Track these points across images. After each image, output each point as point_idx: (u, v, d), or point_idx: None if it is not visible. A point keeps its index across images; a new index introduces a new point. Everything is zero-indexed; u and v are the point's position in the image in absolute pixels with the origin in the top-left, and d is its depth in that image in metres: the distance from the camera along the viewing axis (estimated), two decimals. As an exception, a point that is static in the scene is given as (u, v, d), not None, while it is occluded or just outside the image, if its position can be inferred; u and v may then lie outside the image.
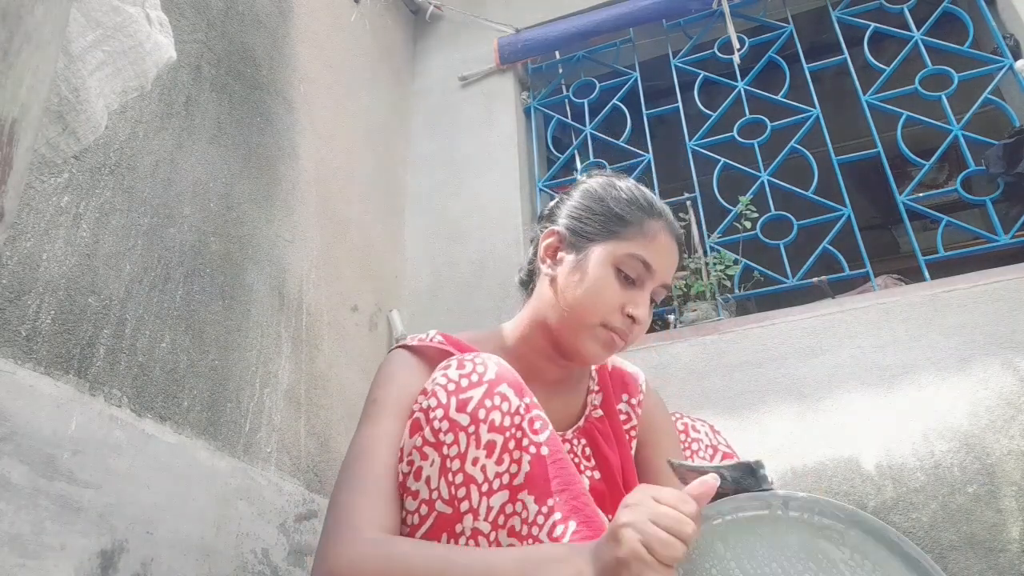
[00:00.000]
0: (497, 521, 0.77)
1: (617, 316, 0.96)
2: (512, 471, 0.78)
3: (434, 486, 0.78)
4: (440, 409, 0.80)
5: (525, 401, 0.81)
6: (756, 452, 1.72)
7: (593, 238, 0.99)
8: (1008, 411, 1.59)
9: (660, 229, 0.99)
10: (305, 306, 1.77)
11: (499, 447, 0.78)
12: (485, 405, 0.79)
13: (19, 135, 0.59)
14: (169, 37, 1.17)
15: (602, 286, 0.95)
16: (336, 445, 1.76)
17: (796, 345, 1.85)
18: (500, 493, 0.78)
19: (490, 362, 0.84)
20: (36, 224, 1.08)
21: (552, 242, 1.04)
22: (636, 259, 0.96)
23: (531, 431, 0.79)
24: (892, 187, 2.11)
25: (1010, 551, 1.46)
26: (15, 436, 0.95)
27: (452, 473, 0.78)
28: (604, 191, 1.03)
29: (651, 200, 1.02)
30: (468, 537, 0.77)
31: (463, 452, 0.78)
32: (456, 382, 0.82)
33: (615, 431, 1.06)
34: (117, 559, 1.06)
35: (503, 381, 0.81)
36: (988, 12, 2.23)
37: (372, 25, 2.55)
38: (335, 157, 2.09)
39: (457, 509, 0.77)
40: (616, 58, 2.71)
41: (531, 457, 0.78)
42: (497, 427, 0.78)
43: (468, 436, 0.78)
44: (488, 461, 0.77)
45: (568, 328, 0.98)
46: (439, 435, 0.79)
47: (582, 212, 1.02)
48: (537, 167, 2.63)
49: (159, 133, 1.38)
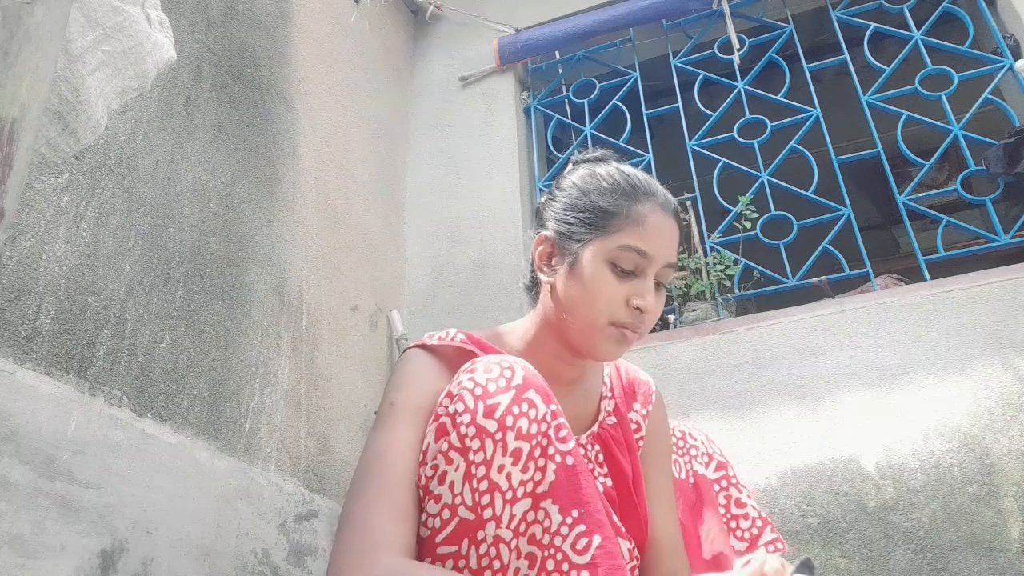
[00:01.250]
0: (519, 529, 0.76)
1: (623, 311, 0.93)
2: (536, 479, 0.77)
3: (458, 491, 0.77)
4: (467, 414, 0.78)
5: (551, 408, 0.80)
6: (756, 452, 1.73)
7: (581, 238, 0.96)
8: (1008, 411, 1.59)
9: (649, 211, 0.95)
10: (305, 306, 1.77)
11: (525, 455, 0.76)
12: (513, 412, 0.77)
13: (19, 135, 0.59)
14: (169, 37, 1.17)
15: (600, 286, 0.93)
16: (336, 445, 1.76)
17: (796, 345, 1.85)
18: (523, 501, 0.77)
19: (517, 366, 0.82)
20: (36, 224, 1.08)
21: (544, 249, 1.01)
22: (629, 249, 0.93)
23: (557, 439, 0.78)
24: (892, 187, 2.11)
25: (1010, 551, 1.46)
26: (15, 436, 0.95)
27: (477, 480, 0.76)
28: (586, 184, 1.00)
29: (634, 182, 0.97)
30: (490, 544, 0.76)
31: (489, 459, 0.76)
32: (483, 386, 0.80)
33: (627, 439, 1.05)
34: (117, 559, 1.06)
35: (531, 387, 0.80)
36: (988, 12, 2.23)
37: (372, 25, 2.55)
38: (335, 157, 2.09)
39: (480, 516, 0.76)
40: (616, 58, 2.71)
41: (556, 466, 0.77)
42: (524, 434, 0.77)
43: (495, 443, 0.76)
44: (514, 469, 0.76)
45: (577, 332, 0.96)
46: (465, 440, 0.77)
47: (567, 212, 0.99)
48: (537, 167, 2.63)
49: (159, 133, 1.38)
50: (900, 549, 1.53)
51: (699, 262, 2.21)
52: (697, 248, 2.24)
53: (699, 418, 1.82)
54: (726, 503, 1.14)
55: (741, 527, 1.11)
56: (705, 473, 1.15)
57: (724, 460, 1.18)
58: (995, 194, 2.05)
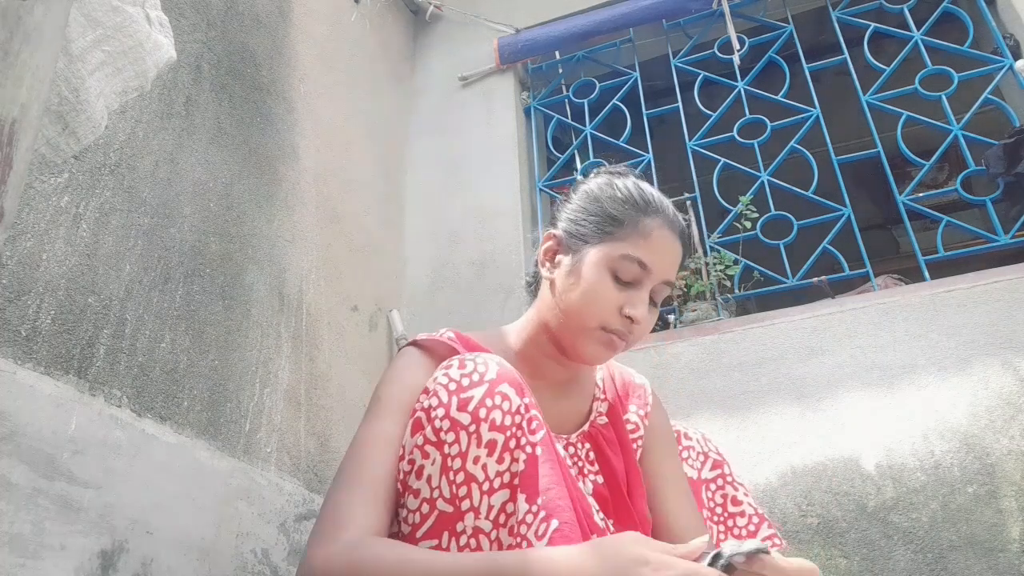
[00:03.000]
0: (498, 520, 0.78)
1: (615, 318, 0.95)
2: (513, 470, 0.78)
3: (435, 485, 0.79)
4: (441, 408, 0.80)
5: (525, 400, 0.82)
6: (756, 452, 1.73)
7: (588, 240, 0.98)
8: (1008, 411, 1.59)
9: (656, 226, 0.97)
10: (305, 306, 1.77)
11: (500, 446, 0.78)
12: (486, 404, 0.79)
13: (19, 135, 0.59)
14: (169, 37, 1.17)
15: (597, 289, 0.94)
16: (336, 445, 1.76)
17: (796, 345, 1.85)
18: (501, 492, 0.78)
19: (491, 362, 0.84)
20: (36, 224, 1.08)
21: (551, 245, 1.04)
22: (631, 260, 0.95)
23: (528, 430, 0.80)
24: (892, 187, 2.11)
25: (1010, 551, 1.46)
26: (15, 436, 0.95)
27: (453, 472, 0.78)
28: (601, 191, 1.02)
29: (648, 197, 1.00)
30: (469, 536, 0.77)
31: (464, 451, 0.78)
32: (457, 381, 0.82)
33: (620, 439, 1.06)
34: (117, 559, 1.06)
35: (503, 380, 0.82)
36: (988, 12, 2.23)
37: (372, 25, 2.55)
38: (335, 157, 2.09)
39: (458, 508, 0.77)
40: (616, 58, 2.71)
41: (526, 456, 0.79)
42: (498, 426, 0.78)
43: (469, 435, 0.78)
44: (489, 460, 0.78)
45: (567, 331, 0.98)
46: (440, 434, 0.79)
47: (579, 214, 1.01)
48: (537, 167, 2.63)
49: (159, 133, 1.38)
50: (900, 549, 1.53)
51: (699, 262, 2.21)
52: (697, 248, 2.24)
53: (699, 418, 1.82)
54: (722, 501, 1.14)
55: (738, 524, 1.12)
56: (697, 475, 1.16)
57: (720, 458, 1.18)
58: (995, 194, 2.05)
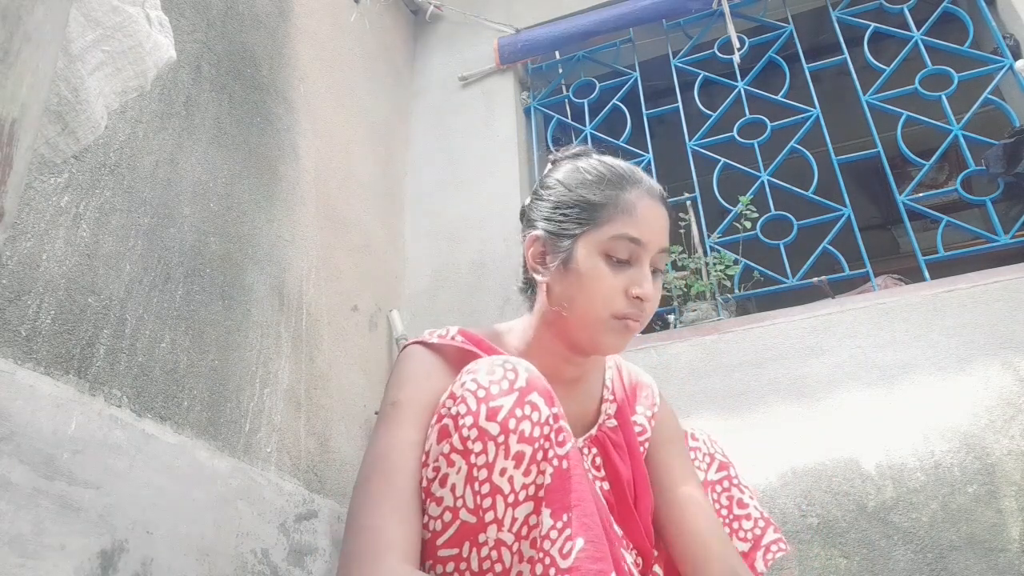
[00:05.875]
0: (521, 532, 0.76)
1: (623, 301, 0.92)
2: (539, 482, 0.76)
3: (459, 494, 0.77)
4: (470, 416, 0.77)
5: (554, 411, 0.79)
6: (756, 452, 1.73)
7: (573, 233, 0.95)
8: (1008, 411, 1.59)
9: (637, 197, 0.94)
10: (305, 306, 1.77)
11: (528, 458, 0.76)
12: (516, 415, 0.77)
13: (19, 135, 0.59)
14: (169, 37, 1.17)
15: (597, 279, 0.92)
16: (336, 445, 1.76)
17: (796, 345, 1.85)
18: (525, 504, 0.76)
19: (520, 368, 0.81)
20: (36, 224, 1.08)
21: (536, 249, 1.00)
22: (622, 238, 0.92)
23: (557, 442, 0.78)
24: (892, 187, 2.11)
25: (1010, 551, 1.46)
26: (15, 436, 0.95)
27: (479, 483, 0.76)
28: (570, 179, 0.99)
29: (619, 171, 0.97)
30: (491, 547, 0.76)
31: (491, 462, 0.75)
32: (486, 388, 0.79)
33: (628, 443, 1.04)
34: (117, 559, 1.06)
35: (534, 389, 0.79)
36: (988, 12, 2.23)
37: (372, 25, 2.54)
38: (335, 157, 2.09)
39: (482, 519, 0.76)
40: (616, 58, 2.71)
41: (553, 469, 0.76)
42: (527, 437, 0.76)
43: (497, 446, 0.76)
44: (516, 472, 0.75)
45: (580, 328, 0.95)
46: (467, 443, 0.77)
47: (555, 210, 0.98)
48: (537, 167, 2.63)
49: (159, 133, 1.38)
50: (900, 549, 1.53)
51: (699, 262, 2.21)
52: (697, 248, 2.24)
53: (699, 418, 1.82)
54: (728, 504, 1.13)
55: (743, 528, 1.11)
56: (704, 477, 1.15)
57: (726, 460, 1.17)
58: (995, 194, 2.05)
